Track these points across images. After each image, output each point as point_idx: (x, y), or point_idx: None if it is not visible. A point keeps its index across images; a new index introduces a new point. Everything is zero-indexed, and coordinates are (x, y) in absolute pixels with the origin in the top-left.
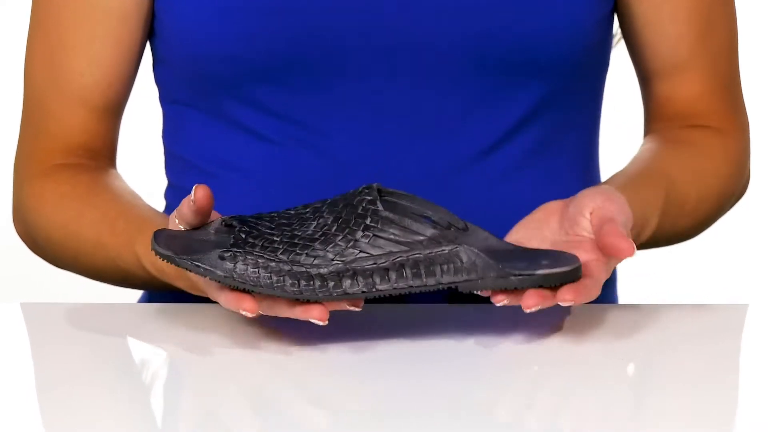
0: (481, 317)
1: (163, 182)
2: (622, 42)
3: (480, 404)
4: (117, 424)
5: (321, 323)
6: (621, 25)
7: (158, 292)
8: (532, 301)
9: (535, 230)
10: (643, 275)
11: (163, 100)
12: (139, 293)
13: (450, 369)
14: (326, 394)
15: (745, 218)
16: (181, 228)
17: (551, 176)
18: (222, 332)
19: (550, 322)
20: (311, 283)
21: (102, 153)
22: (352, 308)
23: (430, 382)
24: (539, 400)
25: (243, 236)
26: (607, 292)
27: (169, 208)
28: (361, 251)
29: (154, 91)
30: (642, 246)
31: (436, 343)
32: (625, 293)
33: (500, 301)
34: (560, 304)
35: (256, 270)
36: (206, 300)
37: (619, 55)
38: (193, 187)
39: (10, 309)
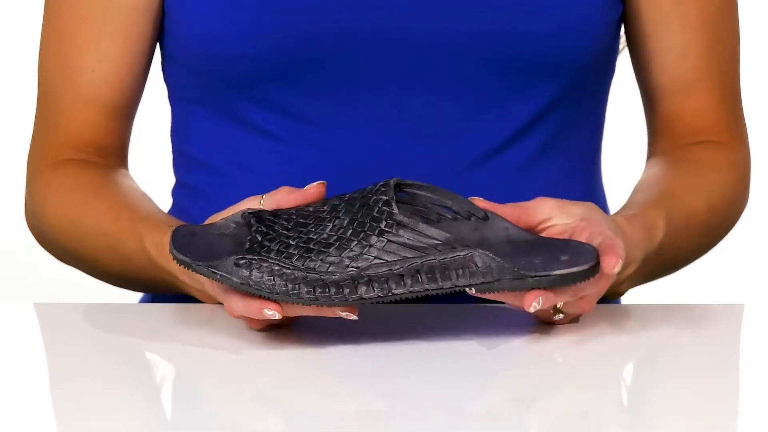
0: (482, 317)
1: (170, 180)
2: (626, 50)
3: (480, 404)
4: (127, 421)
5: (353, 317)
6: (627, 35)
7: (157, 293)
8: (532, 300)
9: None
10: None
11: (172, 98)
12: (139, 293)
13: (450, 369)
14: (331, 394)
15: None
16: (260, 203)
17: (555, 178)
18: (233, 332)
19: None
20: (326, 290)
21: (112, 152)
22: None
23: (432, 383)
24: (540, 399)
25: (259, 239)
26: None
27: (176, 206)
28: (375, 257)
29: (162, 89)
30: (633, 282)
31: (437, 344)
32: (626, 293)
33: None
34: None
35: (272, 278)
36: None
37: (622, 60)
38: (316, 183)
39: (24, 309)
